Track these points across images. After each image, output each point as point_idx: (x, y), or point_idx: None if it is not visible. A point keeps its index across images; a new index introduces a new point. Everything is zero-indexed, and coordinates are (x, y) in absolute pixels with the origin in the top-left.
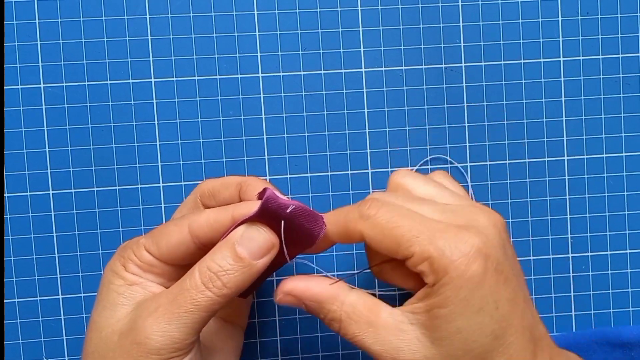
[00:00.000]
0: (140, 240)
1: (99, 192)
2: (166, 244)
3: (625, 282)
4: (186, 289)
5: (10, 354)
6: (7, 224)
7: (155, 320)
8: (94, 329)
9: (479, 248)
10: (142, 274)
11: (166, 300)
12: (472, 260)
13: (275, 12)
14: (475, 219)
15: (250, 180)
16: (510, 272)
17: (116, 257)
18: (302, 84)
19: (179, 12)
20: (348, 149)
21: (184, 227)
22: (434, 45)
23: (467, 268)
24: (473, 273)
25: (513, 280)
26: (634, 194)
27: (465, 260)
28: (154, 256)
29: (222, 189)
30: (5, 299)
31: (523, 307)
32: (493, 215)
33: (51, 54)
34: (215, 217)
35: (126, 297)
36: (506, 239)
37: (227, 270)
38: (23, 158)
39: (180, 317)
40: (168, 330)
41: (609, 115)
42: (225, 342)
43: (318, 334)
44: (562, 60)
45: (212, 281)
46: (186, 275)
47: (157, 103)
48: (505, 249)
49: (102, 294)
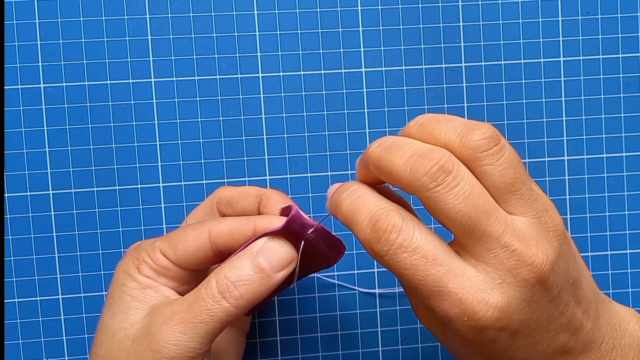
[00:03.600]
0: (156, 242)
1: (99, 192)
2: (183, 248)
3: (625, 282)
4: (202, 298)
5: (10, 354)
6: (7, 224)
7: (171, 328)
8: (105, 332)
9: (492, 322)
10: (155, 277)
11: (181, 307)
12: (480, 333)
13: (275, 12)
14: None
15: (271, 193)
16: (541, 316)
17: (129, 258)
18: (302, 84)
19: (179, 12)
20: (348, 149)
21: (203, 233)
22: (434, 45)
23: (474, 338)
24: (482, 340)
25: (540, 322)
26: (634, 194)
27: (472, 332)
28: (169, 260)
29: (240, 198)
30: (5, 299)
31: (552, 335)
32: (547, 241)
33: (51, 54)
34: (237, 226)
35: (140, 301)
36: (553, 266)
37: (246, 281)
38: (23, 158)
39: (195, 327)
40: (182, 340)
41: (609, 115)
42: (228, 345)
43: (318, 334)
44: (562, 60)
45: (229, 291)
46: (202, 284)
47: (157, 103)
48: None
49: (114, 296)
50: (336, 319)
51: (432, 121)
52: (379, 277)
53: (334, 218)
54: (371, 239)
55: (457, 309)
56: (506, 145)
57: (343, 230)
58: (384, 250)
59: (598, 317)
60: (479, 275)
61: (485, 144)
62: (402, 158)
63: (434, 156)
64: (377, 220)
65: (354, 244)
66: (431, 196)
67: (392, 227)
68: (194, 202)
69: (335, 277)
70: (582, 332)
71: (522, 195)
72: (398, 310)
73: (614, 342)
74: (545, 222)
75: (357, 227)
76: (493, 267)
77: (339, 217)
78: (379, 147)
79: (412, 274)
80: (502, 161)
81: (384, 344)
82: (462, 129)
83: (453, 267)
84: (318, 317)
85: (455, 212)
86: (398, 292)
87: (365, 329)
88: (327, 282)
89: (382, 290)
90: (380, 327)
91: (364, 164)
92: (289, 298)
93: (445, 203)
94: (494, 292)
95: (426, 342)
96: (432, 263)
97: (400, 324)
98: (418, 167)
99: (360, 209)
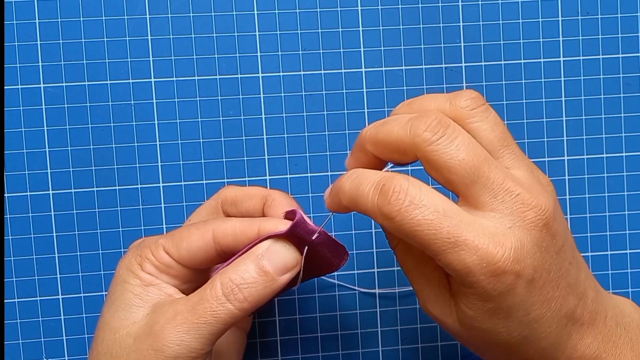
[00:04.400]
0: (160, 240)
1: (99, 192)
2: (187, 247)
3: (626, 282)
4: (206, 299)
5: (10, 354)
6: (7, 224)
7: (174, 328)
8: (106, 329)
9: (510, 264)
10: (158, 274)
11: (185, 308)
12: (499, 279)
13: (275, 12)
14: (524, 199)
15: (276, 195)
16: (551, 266)
17: (132, 255)
18: (302, 84)
19: (179, 12)
20: (348, 149)
21: (207, 233)
22: (434, 45)
23: (494, 287)
24: (501, 290)
25: (551, 274)
26: (634, 194)
27: (491, 280)
28: (172, 258)
29: (245, 198)
30: (5, 299)
31: (563, 294)
32: (545, 190)
33: (51, 54)
34: (242, 228)
35: (142, 298)
36: (554, 214)
37: (250, 284)
38: (23, 158)
39: (199, 328)
40: (185, 340)
41: (609, 115)
42: (229, 344)
43: (318, 334)
44: (562, 60)
45: (233, 293)
46: (207, 285)
47: (157, 103)
48: (551, 231)
49: (116, 292)
50: (336, 319)
51: (419, 99)
52: (379, 277)
53: (335, 223)
54: (380, 202)
55: (475, 255)
56: (490, 107)
57: (346, 237)
58: (395, 210)
59: (598, 290)
60: (490, 222)
61: (473, 103)
62: (400, 124)
63: (430, 115)
64: (383, 184)
65: (354, 244)
66: (434, 149)
67: (400, 187)
68: (194, 202)
69: (335, 277)
70: (588, 299)
71: (514, 150)
72: (398, 310)
73: (617, 319)
74: (538, 177)
75: (364, 198)
76: (501, 213)
77: (343, 199)
78: (374, 127)
79: (426, 229)
80: (491, 117)
81: (384, 344)
82: (449, 95)
83: (464, 218)
84: (318, 317)
85: (459, 160)
86: (398, 292)
87: (365, 329)
88: (327, 282)
89: (382, 290)
90: (380, 327)
91: (359, 148)
92: (289, 298)
93: (449, 154)
94: (507, 235)
95: (426, 342)
96: (444, 216)
97: (400, 324)
98: (418, 125)
99: (364, 182)
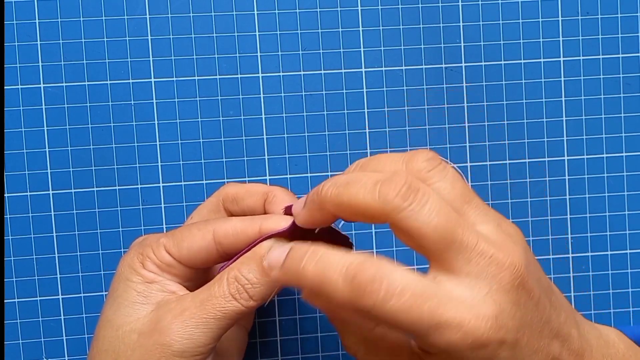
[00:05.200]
0: (161, 239)
1: (99, 192)
2: (188, 247)
3: (626, 282)
4: (214, 296)
5: (10, 354)
6: (7, 224)
7: (182, 323)
8: (108, 327)
9: (493, 332)
10: (159, 273)
11: (192, 304)
12: (485, 349)
13: (275, 12)
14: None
15: (277, 191)
16: (532, 319)
17: (134, 253)
18: (302, 84)
19: (179, 12)
20: (348, 149)
21: (208, 233)
22: (434, 45)
23: (477, 356)
24: (485, 357)
25: (533, 326)
26: (634, 194)
27: (477, 352)
28: (173, 257)
29: (246, 195)
30: (5, 299)
31: (546, 342)
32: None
33: (51, 54)
34: (243, 227)
35: (145, 295)
36: (528, 268)
37: (254, 284)
38: (23, 158)
39: (208, 323)
40: (194, 334)
41: (609, 115)
42: (230, 342)
43: (318, 334)
44: (562, 60)
45: (239, 292)
46: (214, 282)
47: (157, 103)
48: (527, 288)
49: (118, 290)
50: None
51: (374, 160)
52: None
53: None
54: (354, 296)
55: (460, 332)
56: (447, 164)
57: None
58: (371, 302)
59: (579, 325)
60: (466, 291)
61: (430, 164)
62: (366, 188)
63: (399, 179)
64: (354, 275)
65: (354, 244)
66: (406, 216)
67: (373, 276)
68: (194, 202)
69: None
70: (572, 340)
71: (477, 205)
72: None
73: (602, 351)
74: (506, 229)
75: (333, 288)
76: (477, 277)
77: (305, 284)
78: (333, 186)
79: (407, 315)
80: (449, 176)
81: None
82: (404, 156)
83: (442, 294)
84: (318, 317)
85: (432, 226)
86: None
87: None
88: None
89: None
90: None
91: (317, 206)
92: (289, 298)
93: (421, 220)
94: (486, 302)
95: None
96: (423, 297)
97: None
98: (388, 191)
99: (329, 269)
